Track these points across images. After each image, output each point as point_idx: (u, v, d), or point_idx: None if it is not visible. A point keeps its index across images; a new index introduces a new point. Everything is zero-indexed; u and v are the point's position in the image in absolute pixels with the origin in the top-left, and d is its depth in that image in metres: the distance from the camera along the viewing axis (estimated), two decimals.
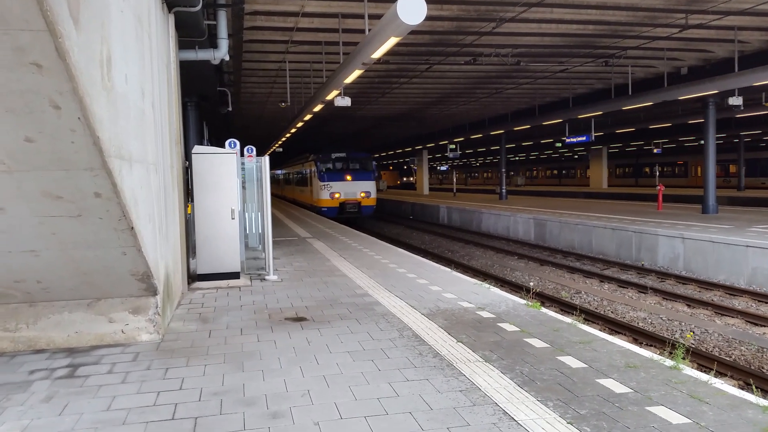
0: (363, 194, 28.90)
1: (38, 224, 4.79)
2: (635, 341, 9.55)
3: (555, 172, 69.34)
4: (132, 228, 4.98)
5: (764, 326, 10.22)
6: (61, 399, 4.63)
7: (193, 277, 9.55)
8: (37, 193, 4.47)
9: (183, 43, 9.54)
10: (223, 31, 10.01)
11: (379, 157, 71.91)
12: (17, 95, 3.73)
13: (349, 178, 28.87)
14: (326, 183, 28.65)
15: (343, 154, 29.59)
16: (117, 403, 4.54)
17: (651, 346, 9.28)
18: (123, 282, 5.82)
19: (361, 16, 12.85)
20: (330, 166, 29.27)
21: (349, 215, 28.80)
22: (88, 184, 4.44)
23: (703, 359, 8.41)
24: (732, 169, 45.57)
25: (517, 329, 6.43)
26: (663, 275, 14.52)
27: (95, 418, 4.26)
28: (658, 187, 24.30)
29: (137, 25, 5.71)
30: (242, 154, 14.14)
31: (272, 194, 55.95)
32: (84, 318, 6.05)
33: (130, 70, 5.31)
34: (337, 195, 28.53)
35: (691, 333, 9.89)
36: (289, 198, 45.50)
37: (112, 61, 4.59)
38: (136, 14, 5.66)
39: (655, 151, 44.87)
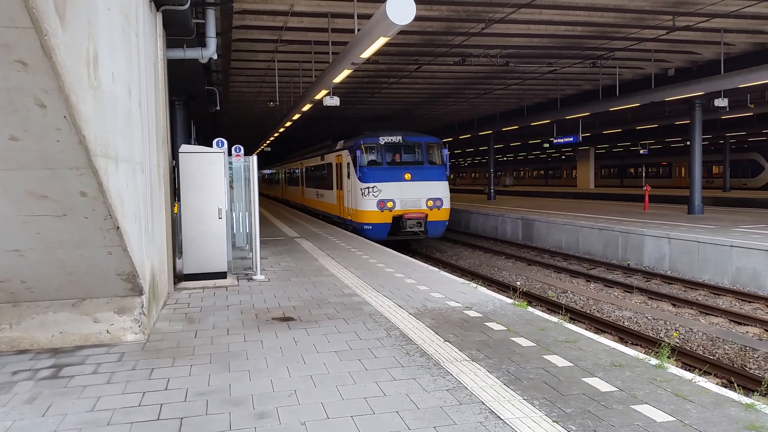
0: (431, 203, 18.19)
1: (23, 223, 4.74)
2: (621, 340, 9.63)
3: (543, 172, 69.70)
4: (118, 227, 4.94)
5: (747, 325, 10.35)
6: (45, 400, 4.59)
7: (179, 277, 9.50)
8: (21, 192, 4.43)
9: (171, 42, 9.48)
10: (211, 29, 9.96)
11: None
12: (2, 93, 3.69)
13: (408, 176, 18.23)
14: (370, 185, 18.08)
15: (397, 138, 18.89)
16: (102, 403, 4.51)
17: (636, 345, 9.36)
18: (108, 282, 5.78)
19: (351, 16, 12.84)
20: (375, 157, 18.70)
21: (408, 236, 18.45)
22: (74, 183, 4.41)
23: (687, 358, 8.49)
24: (715, 170, 46.04)
25: (504, 328, 6.46)
26: (649, 275, 14.64)
27: (79, 419, 4.23)
28: (645, 188, 24.52)
29: (124, 23, 5.68)
30: (230, 154, 14.09)
31: (269, 197, 49.98)
32: (69, 318, 6.00)
33: (117, 68, 5.27)
34: (389, 204, 17.96)
35: (677, 332, 9.99)
36: (292, 203, 35.62)
37: (99, 59, 4.56)
38: (123, 12, 5.62)
39: (641, 152, 45.26)
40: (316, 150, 26.82)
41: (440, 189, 18.50)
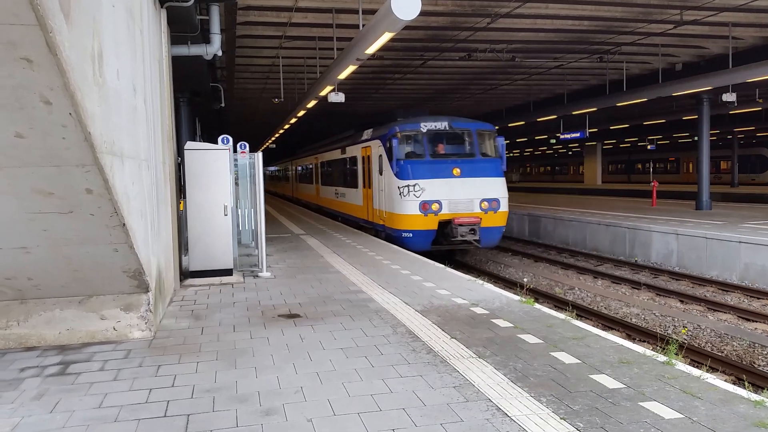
0: (485, 204, 14.85)
1: (29, 221, 4.75)
2: (628, 337, 9.59)
3: (549, 168, 69.46)
4: (124, 224, 4.95)
5: (756, 321, 10.27)
6: (53, 396, 4.61)
7: (185, 274, 9.52)
8: (28, 189, 4.44)
9: (175, 39, 9.47)
10: (215, 26, 9.94)
11: None
12: (7, 91, 3.69)
13: (457, 172, 14.81)
14: (410, 183, 14.62)
15: (442, 125, 15.33)
16: (109, 400, 4.52)
17: (644, 341, 9.31)
18: (115, 279, 5.78)
19: (355, 11, 12.80)
20: (416, 148, 15.19)
21: (456, 246, 15.02)
22: (80, 180, 4.41)
23: (696, 355, 8.44)
24: (723, 165, 45.78)
25: (511, 325, 6.43)
26: (656, 271, 14.57)
27: (87, 415, 4.24)
28: (652, 184, 24.40)
29: (129, 20, 5.67)
30: (235, 150, 14.09)
31: (277, 195, 47.22)
32: (75, 315, 6.02)
33: (122, 65, 5.27)
34: (434, 206, 14.59)
35: (685, 328, 9.94)
36: (305, 202, 32.00)
37: (104, 56, 4.56)
38: (127, 9, 5.61)
39: (648, 147, 45.02)
40: (336, 142, 23.06)
41: (496, 187, 15.03)
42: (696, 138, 23.18)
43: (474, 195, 14.80)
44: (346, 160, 20.57)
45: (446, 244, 14.93)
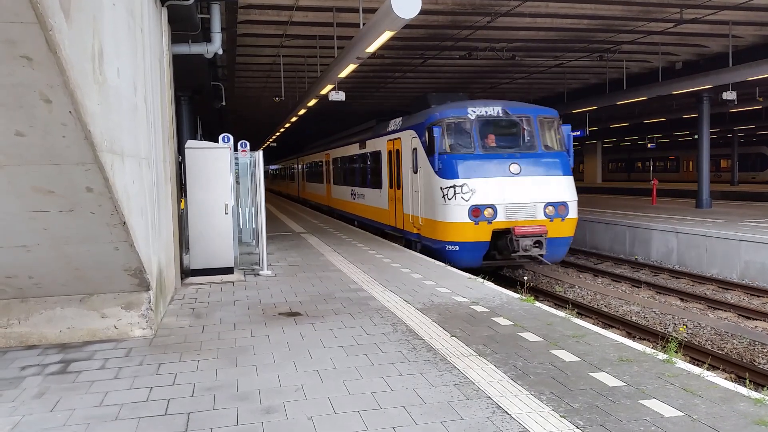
0: (551, 210, 12.03)
1: (30, 219, 4.75)
2: (628, 335, 9.59)
3: None
4: (124, 223, 4.95)
5: (756, 320, 10.28)
6: (53, 395, 4.61)
7: (186, 273, 9.52)
8: (28, 187, 4.44)
9: (176, 37, 9.48)
10: (216, 24, 9.94)
11: None
12: (7, 89, 3.69)
13: (516, 169, 11.97)
14: (457, 183, 11.77)
15: (495, 110, 12.41)
16: (109, 398, 4.53)
17: (644, 339, 9.31)
18: (115, 277, 5.79)
19: (356, 10, 12.80)
20: (463, 140, 12.23)
21: (512, 261, 12.31)
22: (80, 178, 4.41)
23: (695, 353, 8.45)
24: (723, 164, 45.77)
25: (511, 323, 6.44)
26: (656, 269, 14.57)
27: (87, 413, 4.25)
28: (652, 182, 24.40)
29: (129, 19, 5.67)
30: (236, 149, 14.09)
31: (282, 195, 44.69)
32: (76, 313, 6.02)
33: (123, 63, 5.27)
34: (487, 213, 11.75)
35: (684, 326, 9.94)
36: (313, 203, 29.27)
37: (104, 54, 4.56)
38: (128, 8, 5.61)
39: (648, 146, 45.00)
40: (352, 135, 20.44)
41: (564, 188, 12.06)
42: (696, 136, 23.18)
43: (537, 198, 11.82)
44: (366, 156, 17.84)
45: (501, 259, 12.17)
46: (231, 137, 13.73)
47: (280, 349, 5.71)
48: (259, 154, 10.28)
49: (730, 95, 18.25)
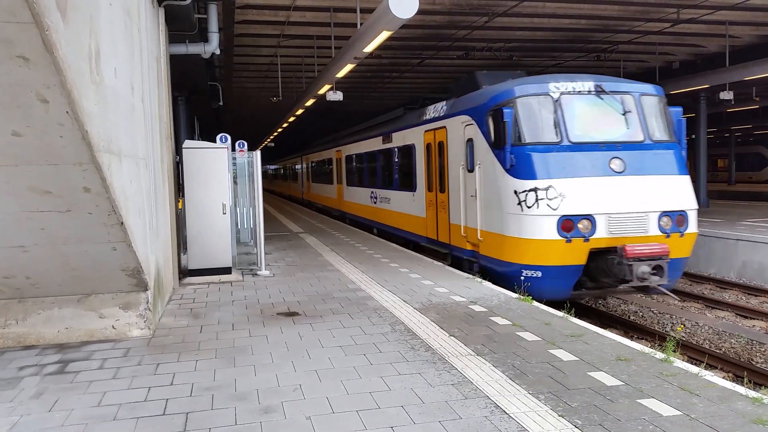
0: (666, 222, 8.77)
1: (27, 219, 4.74)
2: (626, 334, 9.60)
3: None
4: (122, 223, 4.94)
5: (754, 319, 10.30)
6: (51, 395, 4.60)
7: (184, 273, 9.51)
8: (25, 187, 4.43)
9: (173, 37, 9.47)
10: (213, 24, 9.93)
11: None
12: (4, 89, 3.68)
13: (617, 165, 8.76)
14: (539, 184, 8.61)
15: (585, 85, 9.19)
16: (107, 398, 4.52)
17: (642, 339, 9.32)
18: (113, 277, 5.78)
19: (353, 10, 12.80)
20: (541, 126, 8.97)
21: (614, 291, 9.24)
22: (77, 178, 4.40)
23: (693, 352, 8.46)
24: (720, 163, 45.86)
25: (509, 323, 6.44)
26: None
27: (85, 414, 4.24)
28: None
29: (126, 19, 5.66)
30: (233, 149, 14.08)
31: (283, 197, 41.95)
32: (74, 314, 6.01)
33: (120, 63, 5.26)
34: (582, 226, 8.50)
35: (682, 326, 9.96)
36: (320, 206, 26.69)
37: (101, 54, 4.55)
38: (125, 8, 5.60)
39: None
40: (373, 129, 17.65)
41: (682, 192, 8.97)
42: (693, 136, 23.25)
43: (649, 206, 8.71)
44: (391, 152, 15.15)
45: (595, 289, 9.12)
46: (228, 137, 13.73)
47: (278, 349, 5.70)
48: (257, 153, 10.28)
49: (727, 95, 18.29)
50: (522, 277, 8.88)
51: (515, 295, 7.84)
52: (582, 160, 8.72)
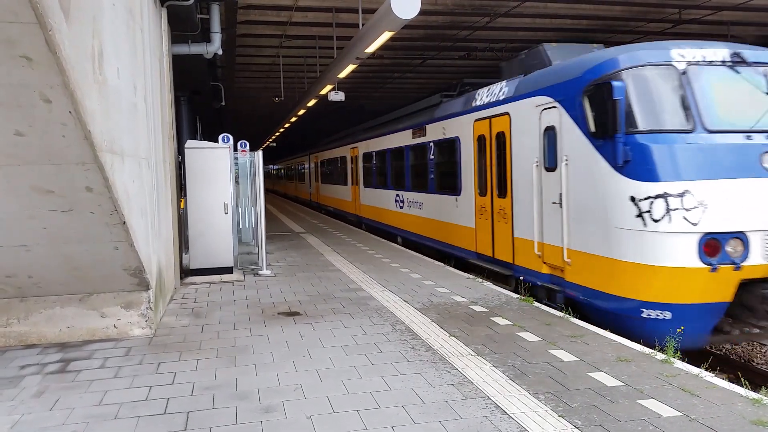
0: None
1: (29, 219, 4.76)
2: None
3: None
4: (124, 223, 4.96)
5: None
6: (53, 394, 4.62)
7: (186, 272, 9.53)
8: (27, 187, 4.45)
9: (176, 37, 9.48)
10: (216, 25, 9.95)
11: None
12: (7, 89, 3.70)
13: None
14: (668, 188, 6.14)
15: (720, 54, 6.77)
16: (109, 397, 4.53)
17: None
18: (115, 277, 5.80)
19: (355, 11, 12.81)
20: (666, 108, 6.52)
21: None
22: (80, 178, 4.42)
23: (694, 353, 8.44)
24: None
25: (510, 323, 6.45)
26: None
27: (87, 412, 4.25)
28: None
29: (129, 19, 5.68)
30: (235, 149, 14.11)
31: (288, 198, 39.13)
32: (76, 313, 6.03)
33: (122, 64, 5.28)
34: (732, 248, 6.12)
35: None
36: (332, 210, 24.17)
37: (104, 54, 4.57)
38: (128, 8, 5.62)
39: None
40: (399, 121, 15.45)
41: None
42: None
43: None
44: (425, 148, 12.88)
45: (740, 333, 7.09)
46: (231, 137, 13.76)
47: (279, 348, 5.72)
48: (259, 154, 10.30)
49: None
50: (641, 318, 6.58)
51: (516, 296, 7.85)
52: (725, 156, 6.38)
